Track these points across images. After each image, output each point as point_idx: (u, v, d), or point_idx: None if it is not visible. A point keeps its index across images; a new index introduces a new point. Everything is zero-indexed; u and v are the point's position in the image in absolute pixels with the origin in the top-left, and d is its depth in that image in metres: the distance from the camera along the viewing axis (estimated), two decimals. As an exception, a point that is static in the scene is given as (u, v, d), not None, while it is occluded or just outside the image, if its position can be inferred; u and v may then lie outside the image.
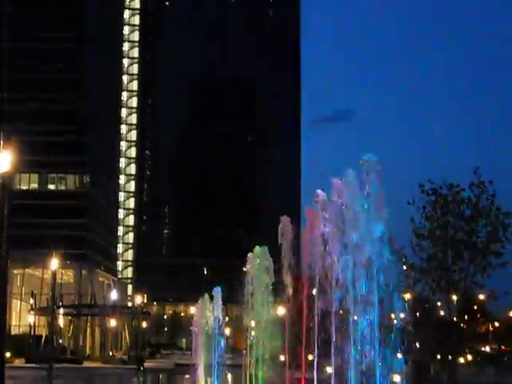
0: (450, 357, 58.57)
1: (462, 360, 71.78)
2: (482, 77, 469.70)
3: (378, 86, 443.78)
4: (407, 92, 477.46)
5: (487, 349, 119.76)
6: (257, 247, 20.46)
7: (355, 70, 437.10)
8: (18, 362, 79.37)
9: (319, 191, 13.57)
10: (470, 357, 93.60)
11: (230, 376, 48.72)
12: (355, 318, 11.70)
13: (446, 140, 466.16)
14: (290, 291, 16.52)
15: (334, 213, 12.73)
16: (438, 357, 72.14)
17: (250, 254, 21.01)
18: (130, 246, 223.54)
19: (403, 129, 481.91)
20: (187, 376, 58.27)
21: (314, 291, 14.24)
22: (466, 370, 69.55)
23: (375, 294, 11.11)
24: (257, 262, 19.91)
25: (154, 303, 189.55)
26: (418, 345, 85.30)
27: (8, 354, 77.20)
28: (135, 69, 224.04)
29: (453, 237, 47.92)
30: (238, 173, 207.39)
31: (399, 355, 13.17)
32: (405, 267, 49.78)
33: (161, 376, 67.15)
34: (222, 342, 34.09)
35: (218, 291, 33.62)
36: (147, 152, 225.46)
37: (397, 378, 14.10)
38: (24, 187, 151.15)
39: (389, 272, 11.23)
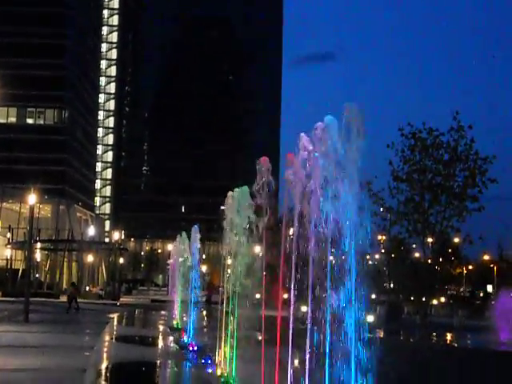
0: (423, 298, 59.42)
1: (435, 302, 72.83)
2: (468, 18, 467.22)
3: (361, 27, 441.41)
4: (393, 34, 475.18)
5: (460, 292, 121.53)
6: (236, 188, 20.48)
7: (339, 8, 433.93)
8: (-5, 296, 79.63)
9: (302, 134, 13.57)
10: (443, 299, 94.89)
11: (205, 313, 49.25)
12: (331, 258, 11.81)
13: (428, 83, 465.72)
14: (267, 231, 16.60)
15: (314, 158, 12.76)
16: (412, 298, 73.15)
17: (229, 193, 21.03)
18: (108, 182, 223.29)
19: (386, 72, 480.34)
20: (163, 312, 58.85)
21: (291, 231, 14.33)
22: (439, 312, 70.59)
23: (352, 234, 11.19)
24: (236, 201, 19.95)
25: (132, 240, 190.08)
26: (391, 286, 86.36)
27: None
28: (116, 3, 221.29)
29: (430, 181, 48.27)
30: (218, 111, 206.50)
31: (373, 296, 13.31)
32: (382, 209, 50.22)
33: (136, 311, 67.65)
34: (199, 279, 34.28)
35: (196, 229, 33.70)
36: (127, 88, 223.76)
37: (370, 318, 14.28)
38: (2, 121, 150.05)
39: (365, 213, 11.29)
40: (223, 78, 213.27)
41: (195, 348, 28.93)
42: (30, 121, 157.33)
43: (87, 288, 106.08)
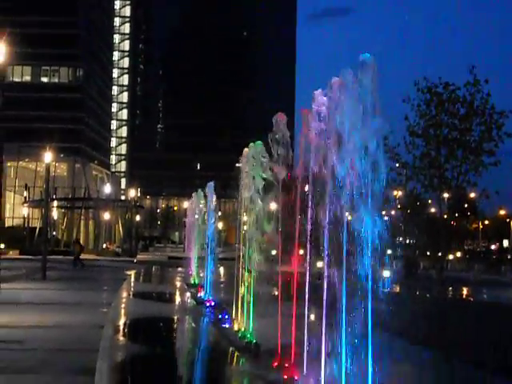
0: (439, 253, 59.44)
1: (451, 257, 72.93)
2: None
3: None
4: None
5: (476, 247, 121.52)
6: (251, 143, 20.39)
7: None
8: (12, 254, 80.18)
9: (317, 92, 13.47)
10: (459, 254, 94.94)
11: (221, 269, 49.48)
12: (346, 214, 11.78)
13: (444, 38, 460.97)
14: (283, 187, 16.55)
15: (330, 112, 12.67)
16: (428, 253, 73.23)
17: (244, 150, 20.95)
18: (124, 139, 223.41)
19: (402, 26, 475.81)
20: (180, 268, 59.10)
21: (307, 187, 14.28)
22: (455, 267, 70.73)
23: (368, 190, 11.15)
24: (251, 157, 19.87)
25: (148, 197, 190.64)
26: (407, 241, 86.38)
27: (2, 246, 78.07)
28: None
29: (446, 135, 47.97)
30: (232, 67, 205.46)
31: (389, 251, 13.32)
32: (397, 164, 50.01)
33: (153, 268, 68.03)
34: (215, 236, 34.36)
35: (211, 186, 33.74)
36: (140, 46, 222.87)
37: (386, 273, 14.27)
38: (17, 80, 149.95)
39: (381, 169, 11.22)
40: (238, 35, 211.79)
41: (212, 303, 29.08)
42: (44, 79, 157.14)
43: (104, 245, 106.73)
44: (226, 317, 23.48)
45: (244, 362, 16.94)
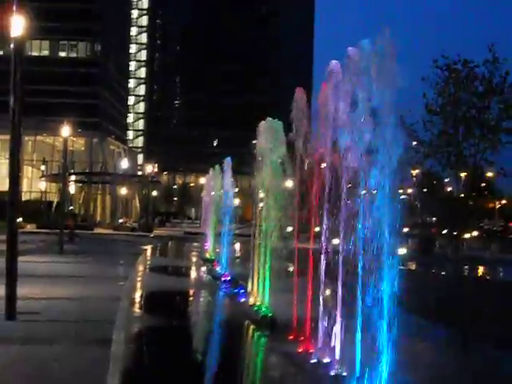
0: (455, 232, 59.29)
1: (467, 236, 72.63)
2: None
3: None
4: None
5: (493, 226, 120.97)
6: (269, 119, 20.38)
7: None
8: (30, 228, 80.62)
9: (334, 62, 13.45)
10: (476, 233, 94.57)
11: (237, 245, 49.64)
12: (363, 192, 11.76)
13: (462, 16, 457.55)
14: (300, 164, 16.52)
15: (347, 84, 12.64)
16: (444, 232, 72.97)
17: (261, 124, 20.91)
18: (141, 115, 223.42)
19: (421, 2, 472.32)
20: (196, 244, 59.35)
21: (324, 165, 14.28)
22: (472, 246, 70.40)
23: (385, 168, 11.11)
24: (269, 133, 19.87)
25: (164, 173, 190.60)
26: (424, 219, 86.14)
27: (20, 220, 78.43)
28: None
29: (464, 113, 47.78)
30: (250, 41, 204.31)
31: (405, 229, 13.30)
32: (415, 143, 49.92)
33: (170, 243, 68.32)
34: (231, 212, 34.43)
35: (228, 161, 33.73)
36: (158, 21, 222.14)
37: (402, 250, 14.32)
38: (35, 54, 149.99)
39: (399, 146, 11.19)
40: (257, 10, 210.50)
41: (228, 278, 29.19)
42: (62, 54, 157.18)
43: (120, 220, 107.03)
44: (242, 291, 23.59)
45: (259, 334, 17.06)
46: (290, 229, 18.86)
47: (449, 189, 70.45)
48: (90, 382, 12.19)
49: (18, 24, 18.39)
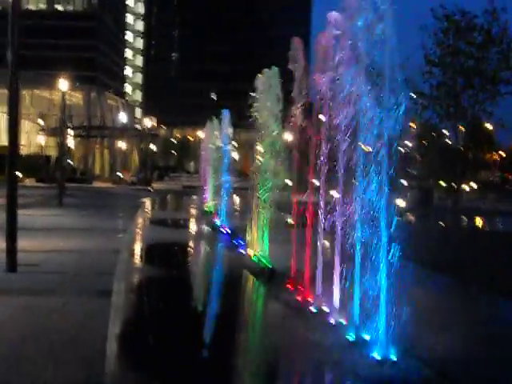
0: (454, 184, 59.41)
1: (466, 187, 72.78)
2: None
3: None
4: None
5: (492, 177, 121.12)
6: (266, 70, 20.28)
7: None
8: (29, 182, 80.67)
9: (332, 13, 13.34)
10: (473, 184, 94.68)
11: (236, 198, 49.70)
12: (362, 144, 11.73)
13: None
14: (299, 116, 16.45)
15: (347, 34, 12.54)
16: (443, 183, 73.07)
17: (258, 76, 20.83)
18: (139, 69, 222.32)
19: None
20: (195, 197, 59.44)
21: (323, 117, 14.23)
22: (469, 197, 70.60)
23: (383, 120, 11.08)
24: (266, 83, 19.78)
25: (163, 127, 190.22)
26: (423, 171, 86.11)
27: (19, 174, 78.35)
28: None
29: (463, 64, 47.56)
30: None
31: (404, 181, 13.31)
32: (413, 95, 49.65)
33: (168, 196, 68.47)
34: (230, 165, 34.40)
35: (226, 114, 33.62)
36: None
37: (401, 203, 14.30)
38: (32, 7, 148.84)
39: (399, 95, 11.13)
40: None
41: (227, 230, 29.30)
42: (59, 7, 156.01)
43: (120, 174, 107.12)
44: (241, 242, 23.70)
45: (258, 284, 17.17)
46: (288, 182, 18.91)
47: (448, 141, 70.45)
48: (91, 331, 12.29)
49: (13, -23, 18.23)
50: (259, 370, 11.12)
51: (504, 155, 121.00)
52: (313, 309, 13.72)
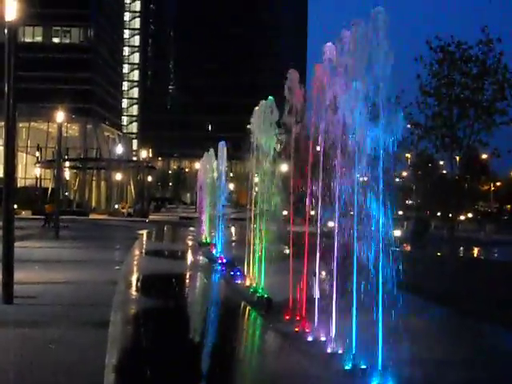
0: (450, 214, 59.40)
1: (462, 217, 72.90)
2: None
3: None
4: None
5: (488, 208, 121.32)
6: (262, 101, 20.42)
7: None
8: (25, 214, 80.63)
9: (328, 44, 13.47)
10: (470, 214, 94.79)
11: (233, 229, 49.77)
12: (357, 175, 11.83)
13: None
14: (295, 147, 16.53)
15: (342, 65, 12.66)
16: (439, 214, 73.09)
17: (255, 109, 20.98)
18: (135, 101, 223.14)
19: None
20: (191, 228, 59.46)
21: (319, 148, 14.34)
22: (467, 227, 70.68)
23: (379, 150, 11.17)
24: (262, 114, 19.91)
25: (159, 158, 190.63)
26: (419, 202, 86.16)
27: (15, 206, 78.29)
28: None
29: (458, 94, 47.77)
30: (243, 25, 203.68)
31: (400, 212, 13.30)
32: (409, 126, 49.78)
33: (165, 228, 68.46)
34: (227, 196, 34.51)
35: (222, 145, 33.68)
36: (151, 6, 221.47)
37: (397, 232, 14.35)
38: (28, 40, 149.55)
39: (393, 127, 11.22)
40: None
41: (224, 261, 29.31)
42: (55, 40, 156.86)
43: (116, 206, 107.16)
44: (238, 273, 23.73)
45: (256, 315, 17.16)
46: (285, 212, 18.97)
47: (443, 171, 70.63)
48: (88, 362, 12.26)
49: (11, 10, 18.37)
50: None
51: (499, 185, 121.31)
52: (310, 339, 13.74)
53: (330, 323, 13.08)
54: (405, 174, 67.39)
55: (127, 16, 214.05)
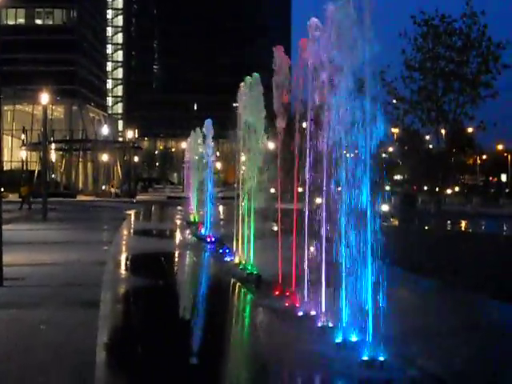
0: (437, 188, 59.69)
1: (449, 191, 73.23)
2: None
3: None
4: None
5: (475, 181, 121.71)
6: (247, 76, 20.36)
7: None
8: (12, 197, 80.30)
9: (313, 19, 13.43)
10: (457, 188, 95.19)
11: (221, 207, 49.78)
12: (344, 151, 11.81)
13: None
14: (281, 124, 16.46)
15: (327, 40, 12.61)
16: (426, 188, 73.44)
17: (241, 84, 20.91)
18: (120, 81, 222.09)
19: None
20: (179, 207, 59.48)
21: (305, 124, 14.32)
22: (453, 201, 71.05)
23: (365, 125, 11.15)
24: (248, 91, 19.86)
25: (145, 139, 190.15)
26: (405, 176, 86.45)
27: (1, 189, 77.91)
28: None
29: (443, 68, 47.86)
30: (228, 3, 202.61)
31: (387, 187, 13.33)
32: (395, 101, 49.89)
33: (153, 208, 68.44)
34: (214, 175, 34.49)
35: (209, 123, 33.56)
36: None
37: (385, 207, 14.40)
38: (11, 22, 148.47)
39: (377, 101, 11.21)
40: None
41: (213, 239, 29.37)
42: (38, 21, 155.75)
43: (103, 187, 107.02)
44: (227, 251, 23.78)
45: (246, 291, 17.22)
46: (272, 190, 19.00)
47: (430, 146, 70.84)
48: (79, 341, 12.28)
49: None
50: (250, 372, 11.18)
51: (485, 158, 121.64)
52: (300, 313, 13.80)
53: (319, 298, 13.14)
54: (391, 149, 67.71)
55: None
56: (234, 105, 21.83)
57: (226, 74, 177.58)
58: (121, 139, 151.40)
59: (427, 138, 69.15)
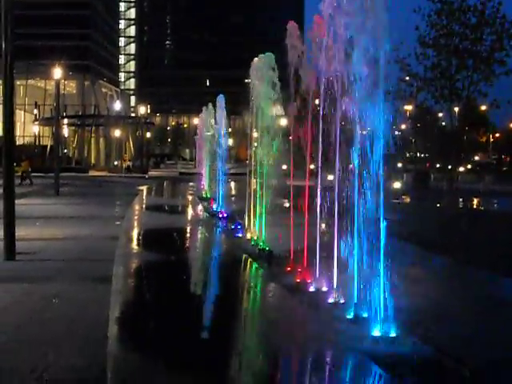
0: (449, 165, 59.47)
1: (462, 169, 72.94)
2: None
3: None
4: None
5: (487, 159, 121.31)
6: (261, 54, 20.27)
7: None
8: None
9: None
10: (469, 166, 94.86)
11: (232, 183, 49.84)
12: (358, 128, 11.76)
13: None
14: (295, 102, 16.37)
15: (341, 16, 12.53)
16: (438, 165, 73.24)
17: (254, 60, 20.82)
18: (132, 57, 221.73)
19: None
20: (191, 183, 59.54)
21: (318, 101, 14.26)
22: (466, 179, 70.77)
23: (380, 103, 11.12)
24: (261, 69, 19.77)
25: (157, 115, 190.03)
26: (418, 154, 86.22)
27: (14, 164, 78.05)
28: None
29: (457, 45, 47.59)
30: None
31: (400, 164, 13.28)
32: (407, 78, 49.67)
33: (165, 183, 68.52)
34: (226, 151, 34.47)
35: (221, 99, 33.48)
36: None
37: (397, 184, 14.34)
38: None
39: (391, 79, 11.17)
40: None
41: (225, 215, 29.42)
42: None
43: (115, 162, 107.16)
44: (239, 227, 23.83)
45: (257, 267, 17.25)
46: (284, 167, 18.98)
47: (443, 123, 70.57)
48: (91, 315, 12.34)
49: (6, -34, 18.21)
50: (262, 347, 11.22)
51: (498, 136, 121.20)
52: (312, 289, 13.84)
53: (331, 274, 13.17)
54: (404, 126, 67.50)
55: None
56: (247, 80, 21.75)
57: (240, 50, 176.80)
58: (133, 115, 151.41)
59: (440, 115, 68.87)
